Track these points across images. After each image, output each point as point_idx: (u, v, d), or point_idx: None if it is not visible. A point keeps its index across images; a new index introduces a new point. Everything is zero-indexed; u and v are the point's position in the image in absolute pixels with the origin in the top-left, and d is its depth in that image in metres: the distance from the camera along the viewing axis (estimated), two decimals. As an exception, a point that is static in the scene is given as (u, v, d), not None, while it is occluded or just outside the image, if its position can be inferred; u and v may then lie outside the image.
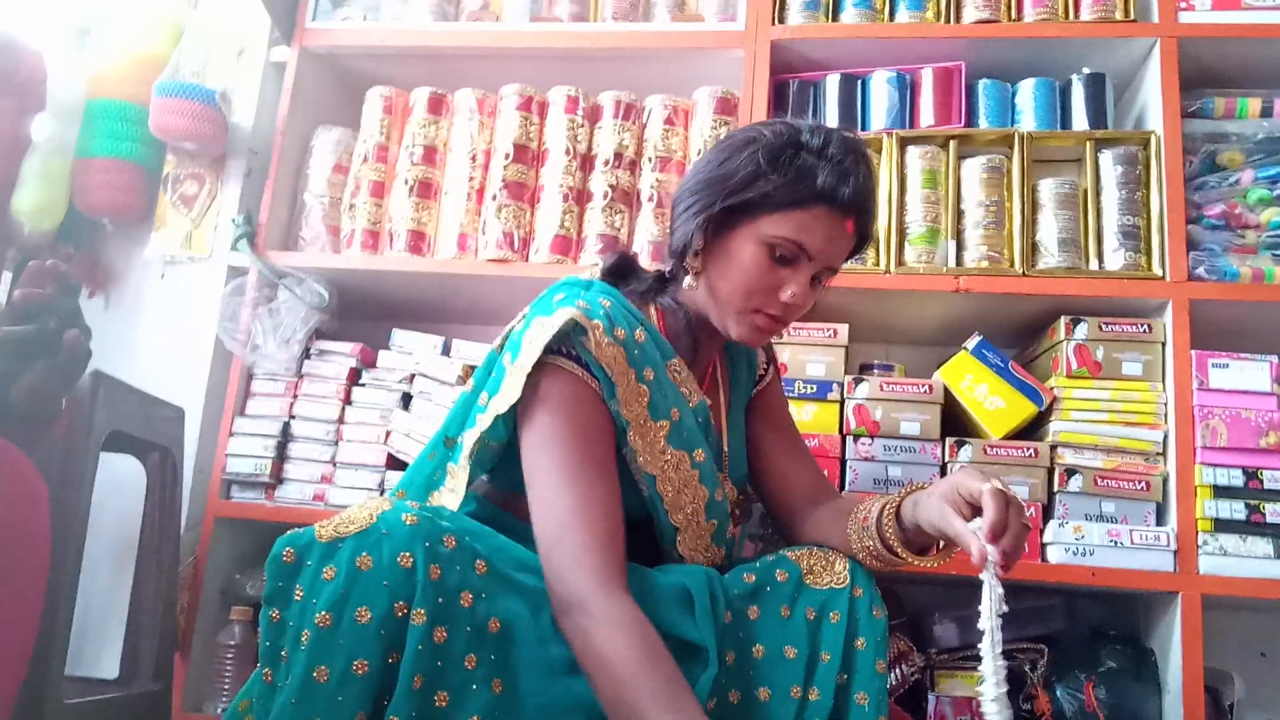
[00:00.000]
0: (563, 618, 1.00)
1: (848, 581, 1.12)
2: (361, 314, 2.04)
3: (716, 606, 1.09)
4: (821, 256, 1.14)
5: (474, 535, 1.02)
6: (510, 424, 1.13)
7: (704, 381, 1.26)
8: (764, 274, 1.13)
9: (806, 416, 1.72)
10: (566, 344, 1.10)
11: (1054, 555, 1.60)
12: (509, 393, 1.10)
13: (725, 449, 1.26)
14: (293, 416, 1.88)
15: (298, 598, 0.92)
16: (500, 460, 1.18)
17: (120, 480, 1.67)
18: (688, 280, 1.19)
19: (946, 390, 1.72)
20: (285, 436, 1.87)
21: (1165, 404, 1.65)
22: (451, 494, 1.17)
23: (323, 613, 0.89)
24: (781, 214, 1.12)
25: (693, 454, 1.18)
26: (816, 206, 1.11)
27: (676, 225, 1.20)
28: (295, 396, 1.89)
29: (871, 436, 1.70)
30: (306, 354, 1.91)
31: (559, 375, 1.10)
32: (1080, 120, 1.85)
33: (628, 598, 1.01)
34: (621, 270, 1.26)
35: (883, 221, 1.80)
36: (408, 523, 0.93)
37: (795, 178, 1.11)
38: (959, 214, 1.81)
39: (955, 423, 1.74)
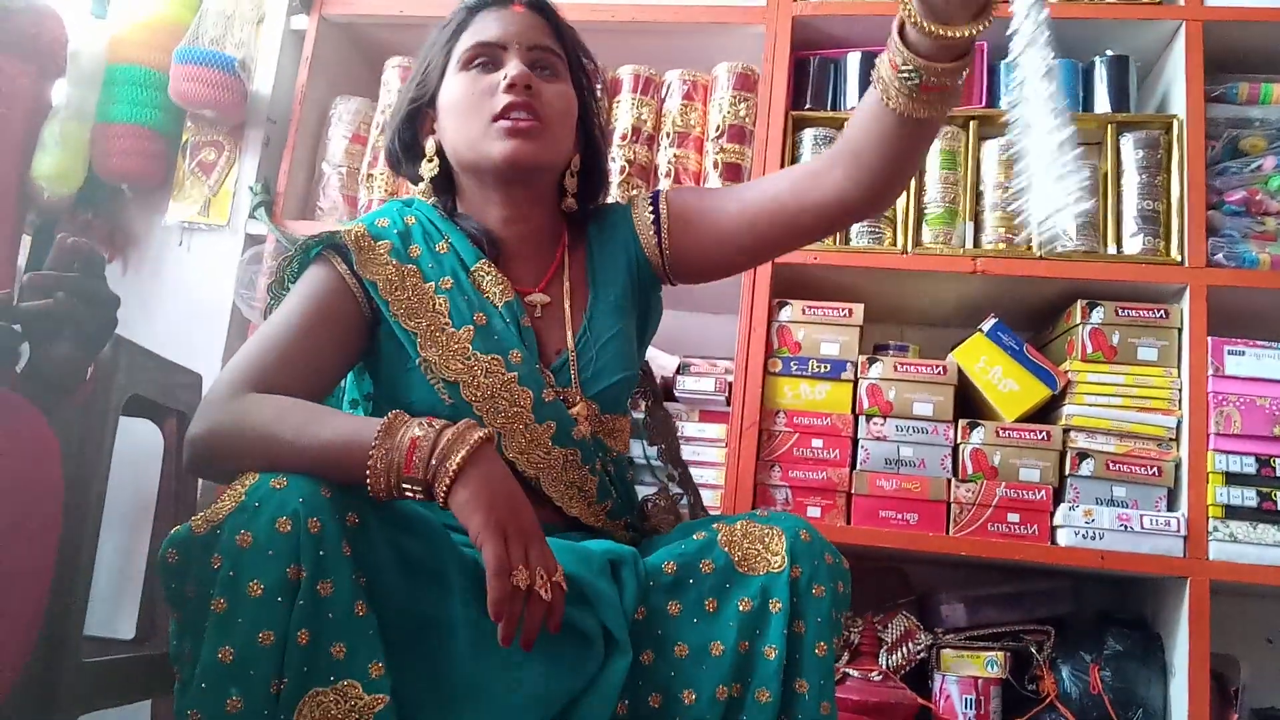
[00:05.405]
0: (190, 451, 1.01)
1: (786, 564, 1.00)
2: (377, 284, 2.04)
3: (624, 589, 1.01)
4: (511, 38, 1.17)
5: (349, 490, 0.96)
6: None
7: (541, 281, 1.21)
8: (474, 85, 1.15)
9: (819, 395, 1.73)
10: (346, 255, 1.14)
11: (1064, 538, 1.60)
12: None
13: (573, 350, 1.17)
14: (308, 385, 1.89)
15: (190, 595, 0.90)
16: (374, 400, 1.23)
17: (138, 444, 1.68)
18: (426, 171, 1.20)
19: (960, 372, 1.72)
20: (300, 405, 1.88)
21: (1180, 390, 1.65)
22: None
23: (218, 599, 0.87)
24: (457, 44, 1.18)
25: (508, 356, 1.12)
26: (476, 15, 1.19)
27: (398, 139, 1.24)
28: (311, 365, 1.89)
29: (884, 416, 1.71)
30: (322, 323, 1.92)
31: (318, 265, 1.14)
32: (1102, 103, 1.83)
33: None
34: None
35: (900, 201, 1.79)
36: (276, 487, 0.90)
37: (454, 22, 1.21)
38: (977, 195, 1.80)
39: (968, 404, 1.75)
